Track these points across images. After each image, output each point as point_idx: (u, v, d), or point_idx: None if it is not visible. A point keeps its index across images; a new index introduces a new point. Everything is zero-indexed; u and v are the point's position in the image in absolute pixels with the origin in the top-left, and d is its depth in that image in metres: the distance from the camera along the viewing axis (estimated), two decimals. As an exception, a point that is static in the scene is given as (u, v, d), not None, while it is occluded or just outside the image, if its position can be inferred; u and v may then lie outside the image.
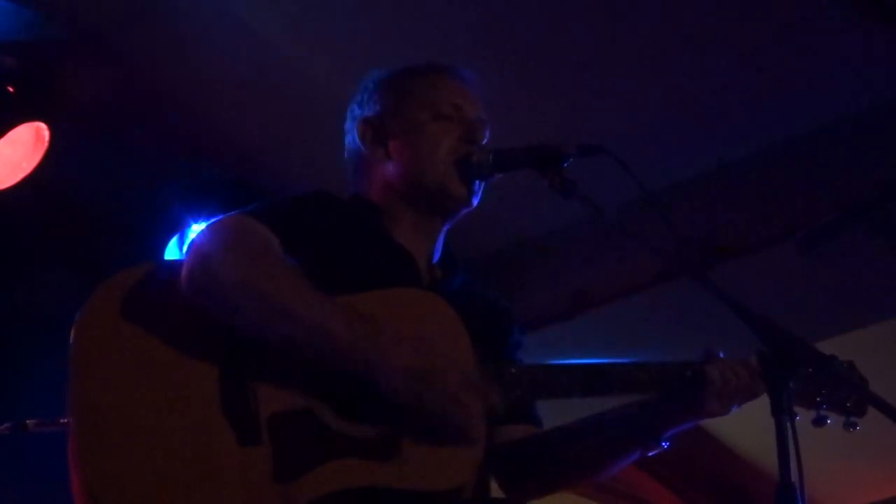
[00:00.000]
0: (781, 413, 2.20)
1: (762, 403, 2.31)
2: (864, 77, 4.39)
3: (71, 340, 2.25)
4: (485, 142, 2.62)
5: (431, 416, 2.21)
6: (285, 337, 2.24)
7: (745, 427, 5.86)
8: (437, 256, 2.67)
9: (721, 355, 2.49)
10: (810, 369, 2.52)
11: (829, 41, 4.25)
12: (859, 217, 4.46)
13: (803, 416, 2.31)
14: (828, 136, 4.59)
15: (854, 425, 2.61)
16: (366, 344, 2.21)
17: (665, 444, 2.50)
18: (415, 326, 2.33)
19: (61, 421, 2.25)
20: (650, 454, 2.53)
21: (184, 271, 2.28)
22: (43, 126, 4.29)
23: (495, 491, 2.60)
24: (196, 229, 4.44)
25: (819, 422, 2.57)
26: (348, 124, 2.74)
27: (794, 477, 2.12)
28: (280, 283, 2.27)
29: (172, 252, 4.64)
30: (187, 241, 3.89)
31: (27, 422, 3.39)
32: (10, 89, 4.23)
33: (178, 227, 4.65)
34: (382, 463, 2.21)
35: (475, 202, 2.61)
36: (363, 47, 4.18)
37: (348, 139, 2.74)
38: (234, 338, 2.27)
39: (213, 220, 2.42)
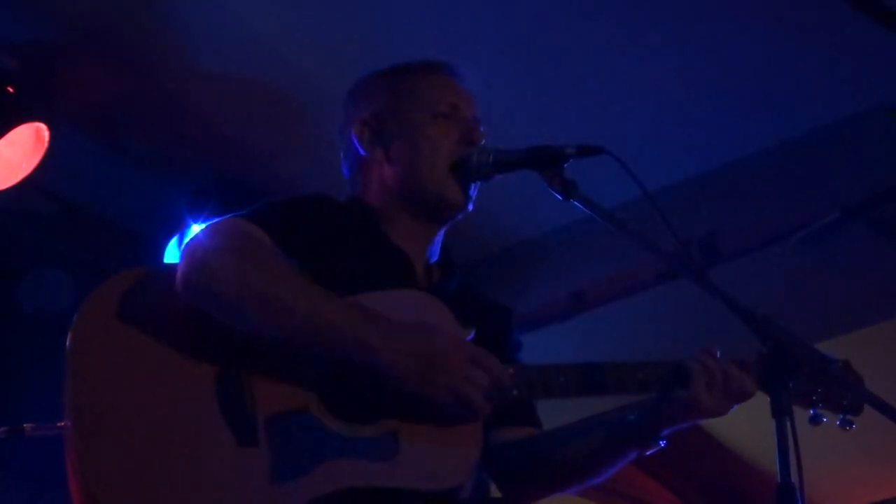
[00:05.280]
0: (781, 414, 2.20)
1: (762, 403, 2.31)
2: (864, 77, 4.39)
3: (67, 343, 2.25)
4: (482, 142, 2.61)
5: (440, 397, 2.21)
6: (287, 330, 2.23)
7: (745, 427, 5.86)
8: (434, 258, 2.66)
9: (717, 354, 2.48)
10: (808, 369, 2.51)
11: (829, 41, 4.25)
12: (859, 217, 4.45)
13: (799, 415, 2.31)
14: (828, 136, 4.60)
15: (850, 423, 2.60)
16: (369, 332, 2.21)
17: (662, 443, 2.50)
18: None
19: (59, 425, 2.24)
20: (648, 453, 2.52)
21: (178, 274, 2.28)
22: (43, 127, 4.29)
23: (494, 491, 2.60)
24: (196, 230, 4.44)
25: (815, 420, 2.57)
26: (343, 125, 2.73)
27: (794, 477, 2.12)
28: (278, 278, 2.27)
29: (172, 253, 4.64)
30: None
31: (24, 426, 3.38)
32: (10, 89, 4.23)
33: (178, 228, 4.65)
34: (380, 463, 2.21)
35: (471, 207, 2.61)
36: (363, 48, 4.18)
37: (344, 140, 2.72)
38: (230, 339, 2.26)
39: (207, 223, 2.42)
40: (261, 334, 2.26)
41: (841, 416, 2.61)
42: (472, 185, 2.59)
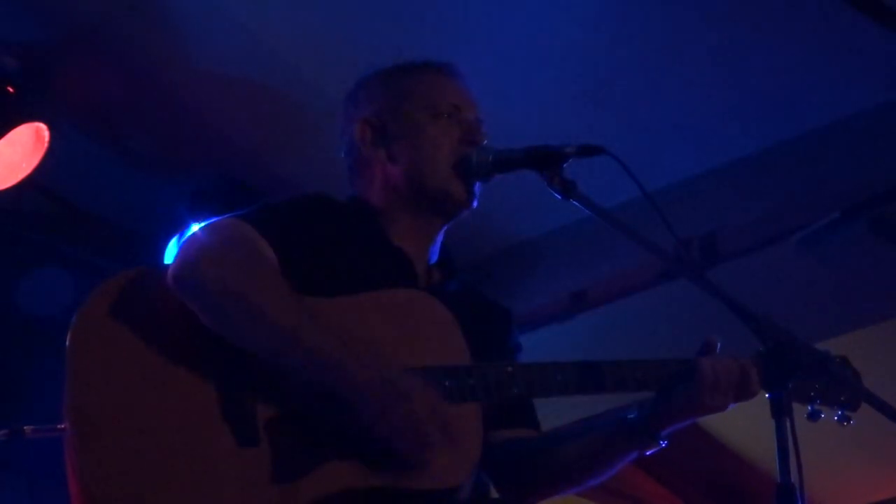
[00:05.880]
0: (781, 414, 2.20)
1: (761, 403, 2.31)
2: (864, 77, 4.39)
3: (67, 343, 2.25)
4: (484, 142, 2.61)
5: (386, 437, 2.17)
6: (262, 340, 2.22)
7: (745, 427, 5.86)
8: (434, 258, 2.66)
9: (719, 345, 2.48)
10: (807, 368, 2.51)
11: (829, 41, 4.25)
12: (859, 217, 4.45)
13: (797, 411, 2.31)
14: (828, 135, 4.60)
15: (847, 419, 2.61)
16: (345, 358, 2.18)
17: (663, 443, 2.50)
18: (407, 327, 2.34)
19: (59, 427, 2.24)
20: (648, 453, 2.52)
21: (170, 268, 2.29)
22: (43, 126, 4.29)
23: (494, 492, 2.60)
24: (195, 230, 4.44)
25: (813, 416, 2.57)
26: (344, 124, 2.72)
27: (794, 477, 2.12)
28: (264, 287, 2.25)
29: (172, 253, 4.64)
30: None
31: (24, 427, 3.38)
32: (10, 89, 4.23)
33: (178, 228, 4.65)
34: (380, 463, 2.21)
35: (475, 204, 2.61)
36: (363, 48, 4.17)
37: (346, 139, 2.72)
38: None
39: (205, 223, 2.42)
40: (238, 340, 2.24)
41: (839, 412, 2.61)
42: (476, 184, 2.59)
